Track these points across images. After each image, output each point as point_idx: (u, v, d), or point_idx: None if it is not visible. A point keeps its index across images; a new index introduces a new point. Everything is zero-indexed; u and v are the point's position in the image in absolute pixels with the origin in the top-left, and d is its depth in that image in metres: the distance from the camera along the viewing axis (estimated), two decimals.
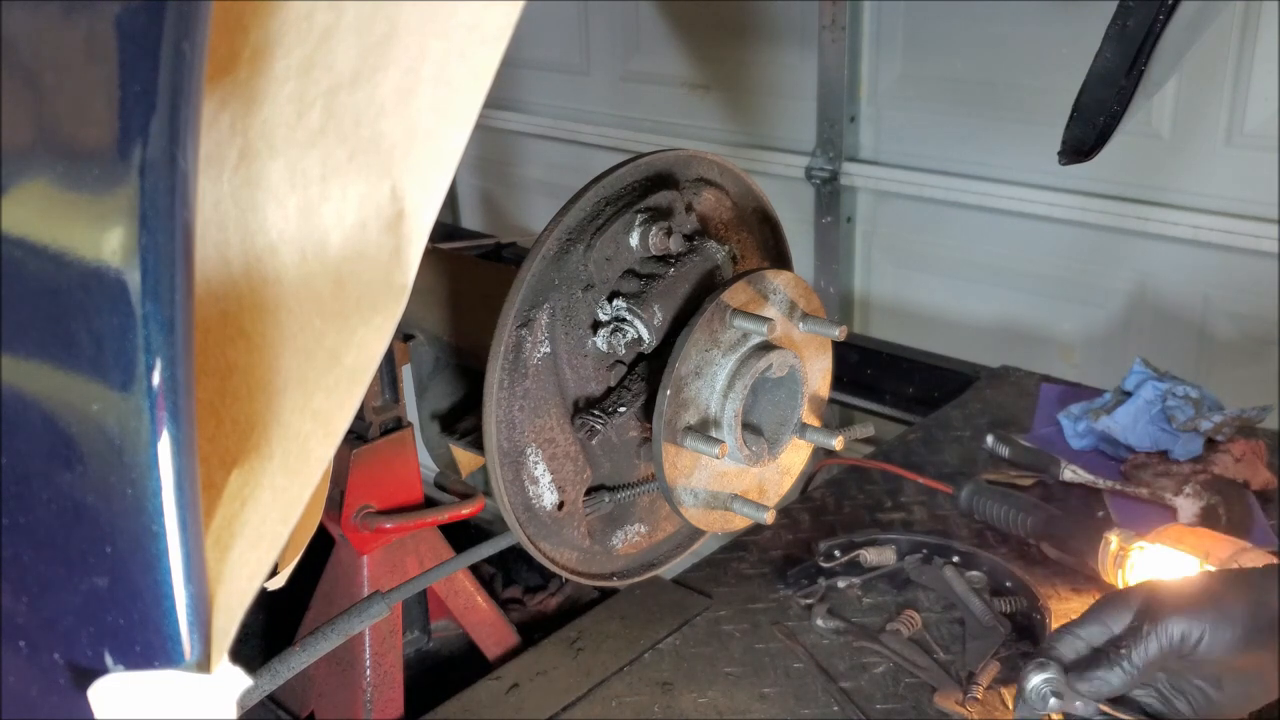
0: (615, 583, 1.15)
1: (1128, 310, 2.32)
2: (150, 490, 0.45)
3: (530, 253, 0.97)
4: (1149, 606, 0.94)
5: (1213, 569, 1.21)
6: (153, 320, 0.44)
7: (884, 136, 2.56)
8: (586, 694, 1.26)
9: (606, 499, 1.08)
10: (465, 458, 1.32)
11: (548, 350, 1.00)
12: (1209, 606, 0.91)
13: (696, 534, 1.20)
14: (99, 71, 0.45)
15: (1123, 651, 0.92)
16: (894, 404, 2.16)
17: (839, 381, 1.54)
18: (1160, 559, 1.30)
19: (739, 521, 1.10)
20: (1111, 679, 0.92)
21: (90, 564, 0.48)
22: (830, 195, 2.60)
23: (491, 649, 1.46)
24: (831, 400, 1.20)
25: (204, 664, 0.47)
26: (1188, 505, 1.48)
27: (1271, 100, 2.00)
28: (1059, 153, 0.84)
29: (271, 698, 1.41)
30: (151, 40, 0.43)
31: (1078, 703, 0.94)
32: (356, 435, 1.31)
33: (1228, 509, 1.46)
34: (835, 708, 1.21)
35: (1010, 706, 1.19)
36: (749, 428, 1.06)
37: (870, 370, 2.19)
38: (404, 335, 1.28)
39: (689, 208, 1.07)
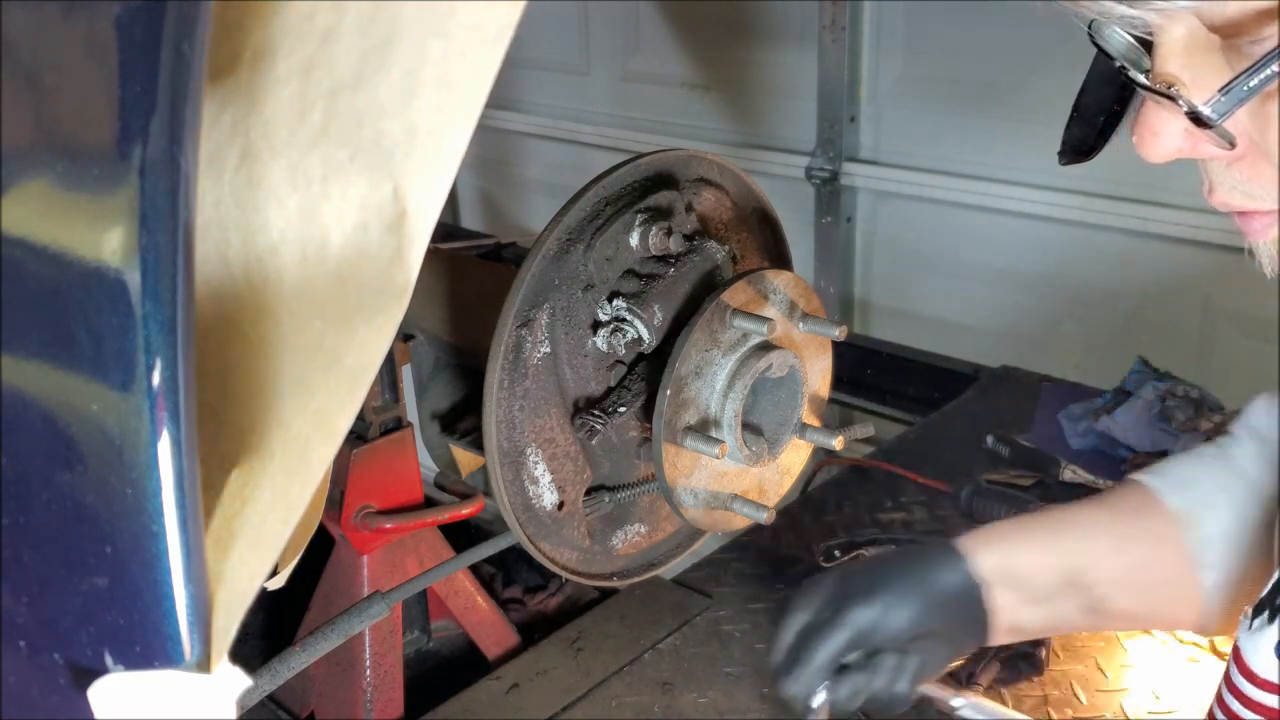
0: (615, 583, 1.15)
1: (1128, 310, 2.32)
2: (150, 490, 0.45)
3: (530, 253, 0.97)
4: (835, 596, 0.99)
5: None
6: (153, 320, 0.44)
7: (884, 136, 2.55)
8: (586, 694, 1.26)
9: (606, 499, 1.08)
10: (465, 458, 1.32)
11: (548, 350, 1.00)
12: (883, 591, 0.98)
13: (696, 534, 1.20)
14: (99, 71, 0.45)
15: (817, 644, 0.98)
16: (894, 404, 2.16)
17: (839, 381, 1.54)
18: None
19: (739, 521, 1.10)
20: (809, 674, 0.97)
21: (90, 564, 0.48)
22: (830, 195, 2.60)
23: (491, 649, 1.46)
24: (831, 400, 1.20)
25: (204, 664, 0.47)
26: None
27: None
28: (1059, 153, 0.84)
29: (271, 698, 1.41)
30: (151, 40, 0.43)
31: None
32: (356, 435, 1.30)
33: None
34: None
35: (1010, 707, 1.19)
36: (749, 428, 1.06)
37: (870, 370, 2.19)
38: (404, 335, 1.28)
39: (689, 208, 1.07)
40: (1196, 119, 0.61)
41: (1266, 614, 0.78)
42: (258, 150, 0.51)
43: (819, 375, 1.12)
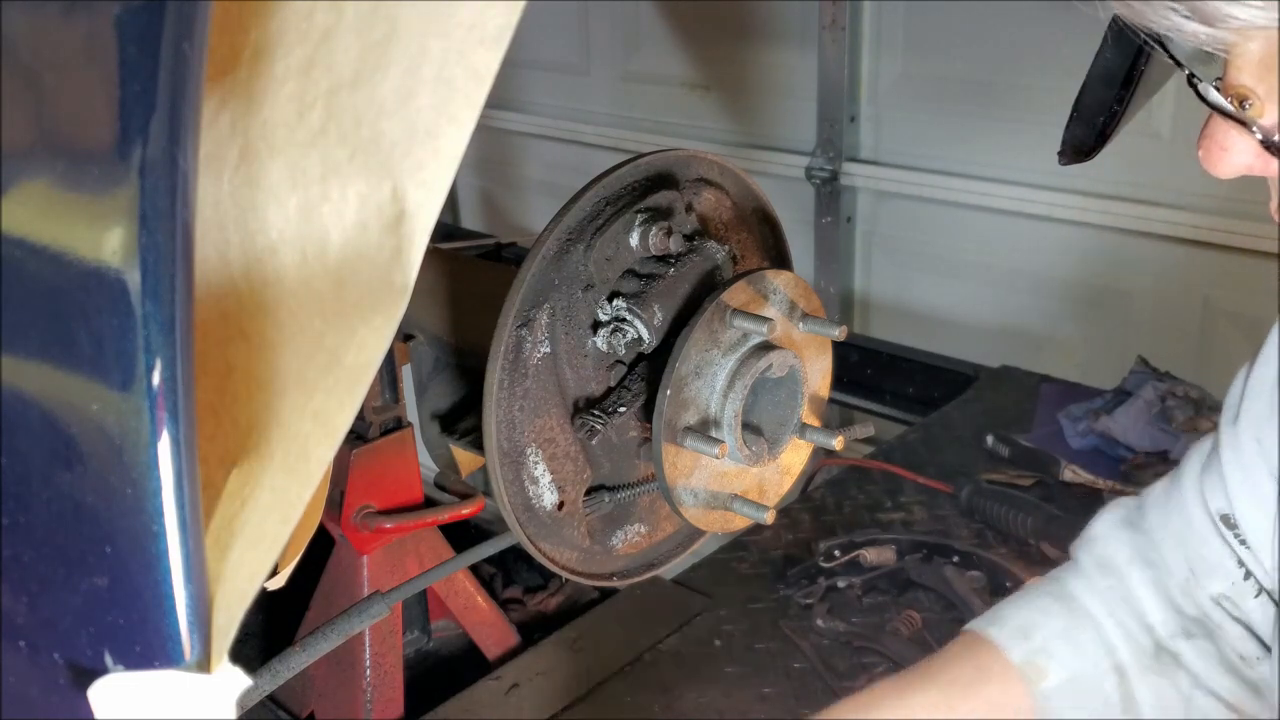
0: (615, 583, 1.15)
1: (1128, 310, 2.32)
2: (150, 490, 0.45)
3: (530, 253, 0.97)
4: None
5: None
6: (153, 320, 0.44)
7: (884, 136, 2.56)
8: (586, 694, 1.26)
9: (606, 499, 1.08)
10: (465, 458, 1.32)
11: (548, 350, 1.00)
12: None
13: (696, 534, 1.20)
14: (99, 71, 0.45)
15: None
16: (894, 404, 2.16)
17: (839, 381, 1.55)
18: None
19: (739, 521, 1.10)
20: None
21: (90, 564, 0.48)
22: (830, 195, 2.60)
23: (491, 649, 1.46)
24: (831, 400, 1.20)
25: (204, 664, 0.47)
26: None
27: None
28: (1059, 153, 0.84)
29: (271, 698, 1.41)
30: (151, 40, 0.43)
31: None
32: (356, 435, 1.30)
33: None
34: None
35: None
36: (749, 428, 1.06)
37: (870, 370, 2.19)
38: (404, 335, 1.28)
39: (689, 208, 1.07)
40: (1272, 147, 0.57)
41: None
42: (256, 150, 0.51)
43: (819, 375, 1.12)
